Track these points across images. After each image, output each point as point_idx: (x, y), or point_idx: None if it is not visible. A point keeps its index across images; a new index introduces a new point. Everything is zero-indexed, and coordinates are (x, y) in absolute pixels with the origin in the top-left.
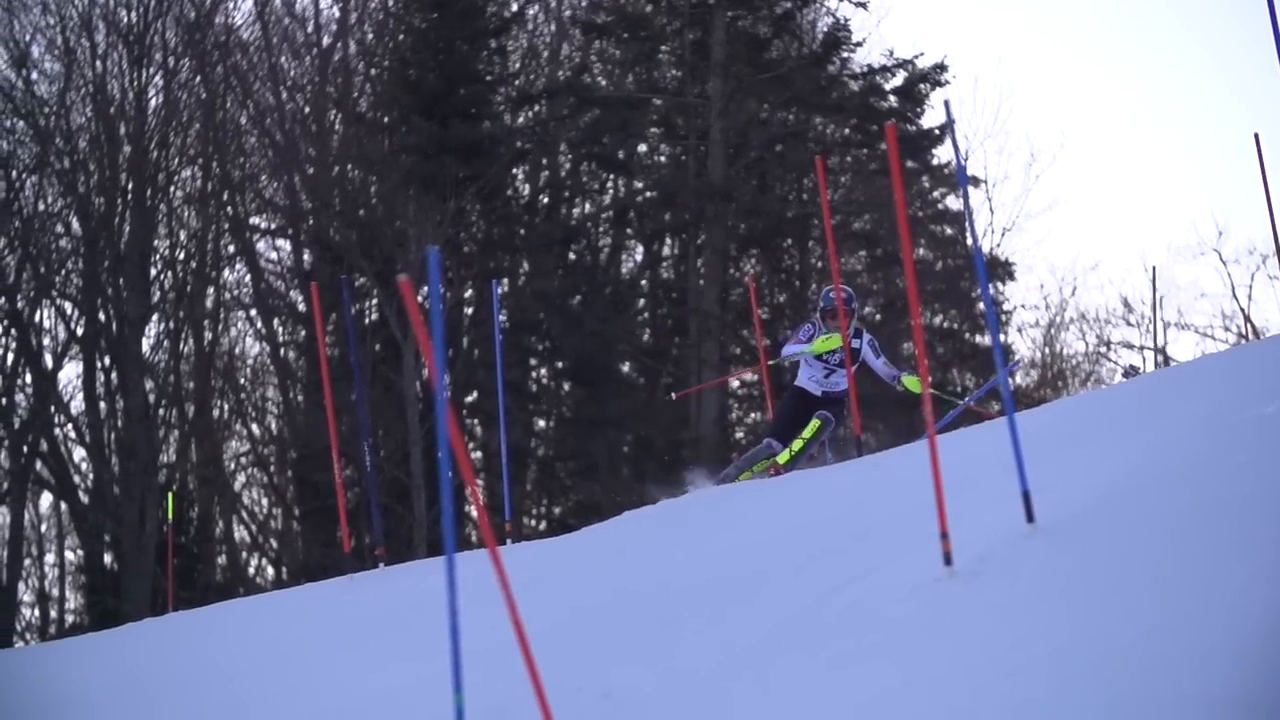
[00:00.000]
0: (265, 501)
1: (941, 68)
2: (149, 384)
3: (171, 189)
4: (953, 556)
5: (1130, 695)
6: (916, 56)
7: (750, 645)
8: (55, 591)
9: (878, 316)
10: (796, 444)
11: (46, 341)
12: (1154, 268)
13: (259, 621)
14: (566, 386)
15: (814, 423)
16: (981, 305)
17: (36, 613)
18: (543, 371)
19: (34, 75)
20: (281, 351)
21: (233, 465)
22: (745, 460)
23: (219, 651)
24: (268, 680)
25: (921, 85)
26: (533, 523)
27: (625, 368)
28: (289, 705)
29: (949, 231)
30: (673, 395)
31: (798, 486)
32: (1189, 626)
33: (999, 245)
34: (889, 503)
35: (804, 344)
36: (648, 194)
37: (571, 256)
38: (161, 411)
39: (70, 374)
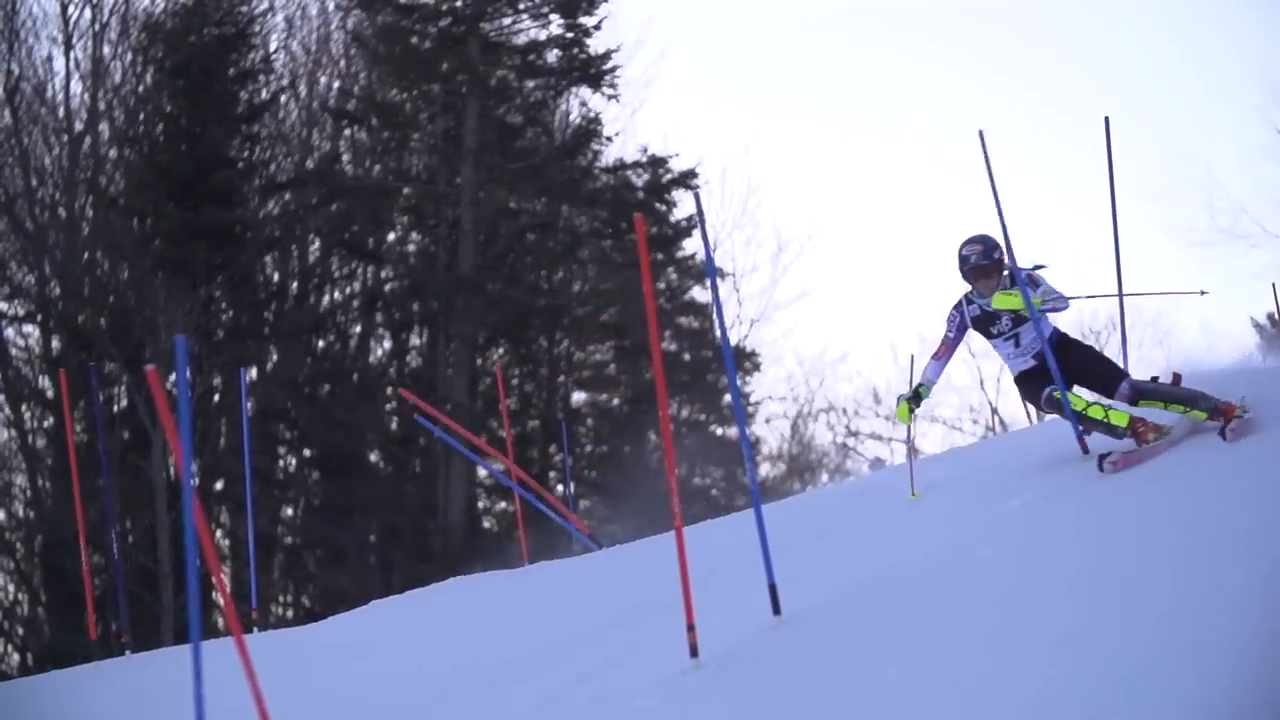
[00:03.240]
0: (11, 588)
1: (692, 174)
2: None
3: None
4: (699, 648)
5: None
6: (670, 157)
7: None
8: None
9: (625, 408)
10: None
11: None
12: (912, 356)
13: (4, 708)
14: (315, 474)
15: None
16: (729, 397)
17: None
18: (291, 459)
19: None
20: (29, 438)
21: None
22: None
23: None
24: None
25: (671, 185)
26: (280, 610)
27: (373, 456)
28: None
29: (695, 324)
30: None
31: (545, 577)
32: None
33: (746, 337)
34: (637, 594)
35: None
36: (398, 282)
37: (320, 344)
38: None
39: None
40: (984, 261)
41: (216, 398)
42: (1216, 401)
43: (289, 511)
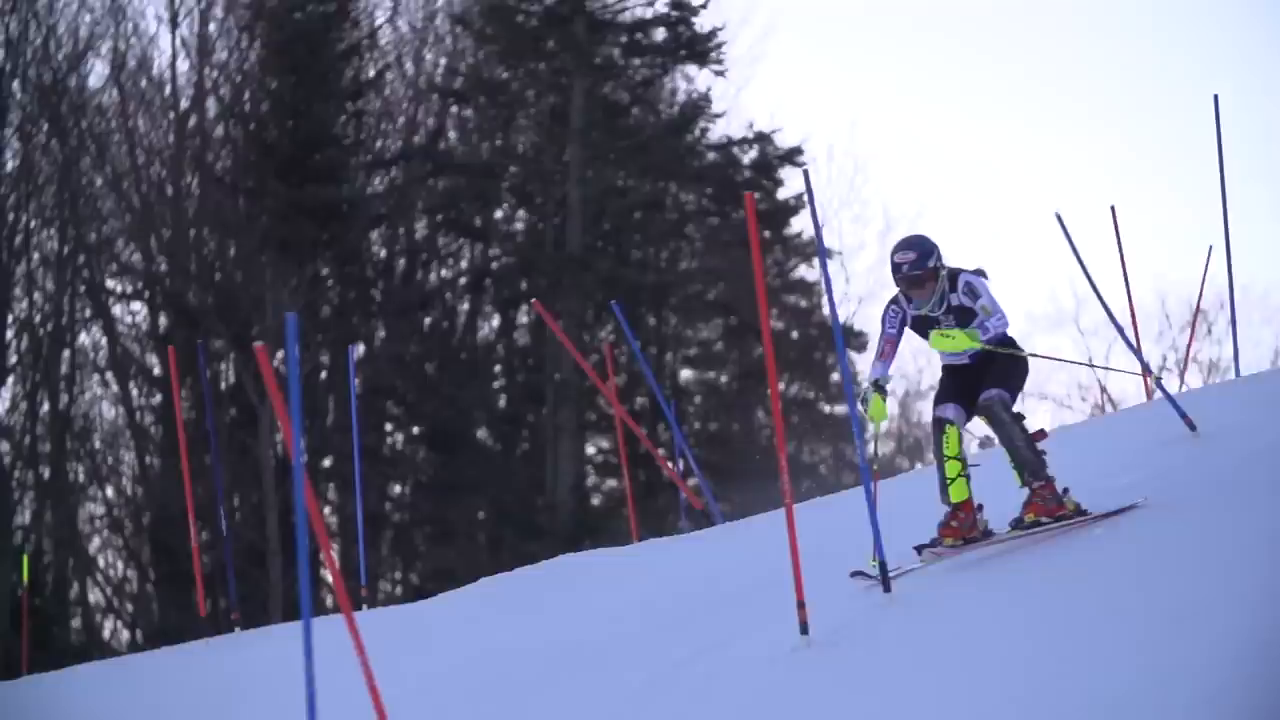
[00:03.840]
0: (121, 565)
1: (798, 150)
2: (4, 445)
3: (28, 251)
4: (809, 625)
5: None
6: (774, 132)
7: (607, 714)
8: None
9: (734, 385)
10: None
11: None
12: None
13: (115, 685)
14: (423, 452)
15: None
16: (837, 375)
17: None
18: (399, 436)
19: None
20: (137, 415)
21: (88, 528)
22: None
23: (73, 714)
24: None
25: (777, 162)
26: (389, 588)
27: (481, 433)
28: None
29: (803, 303)
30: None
31: (655, 554)
32: (1052, 694)
33: (854, 314)
34: (747, 571)
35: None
36: (504, 260)
37: (428, 322)
38: (16, 473)
39: None
40: (916, 271)
41: (324, 375)
42: (1046, 482)
43: (397, 489)
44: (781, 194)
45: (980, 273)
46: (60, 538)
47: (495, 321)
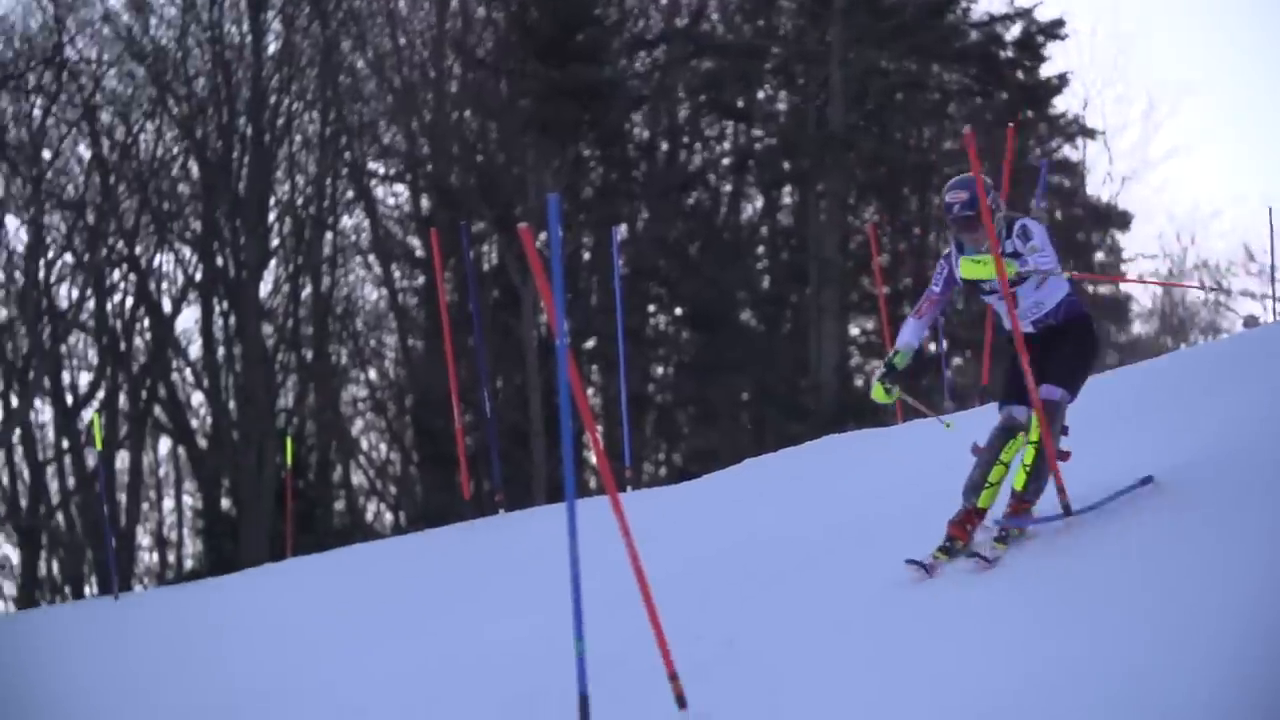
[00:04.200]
0: (384, 447)
1: (1059, 24)
2: (267, 329)
3: (290, 134)
4: (1071, 505)
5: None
6: (1035, 6)
7: (869, 594)
8: (173, 536)
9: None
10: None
11: (165, 287)
12: (1270, 209)
13: (378, 567)
14: (686, 333)
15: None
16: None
17: (155, 557)
18: (662, 318)
19: (152, 20)
20: (399, 297)
21: (351, 411)
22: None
23: (338, 596)
24: (388, 624)
25: (1040, 38)
26: (652, 469)
27: (744, 314)
28: (409, 649)
29: (1066, 183)
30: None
31: (919, 434)
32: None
33: (1117, 195)
34: None
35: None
36: (766, 141)
37: (690, 203)
38: (279, 356)
39: (188, 319)
40: (968, 212)
41: (587, 256)
42: (1024, 502)
43: (660, 370)
44: (1044, 71)
45: (1039, 220)
46: (323, 421)
47: (759, 202)
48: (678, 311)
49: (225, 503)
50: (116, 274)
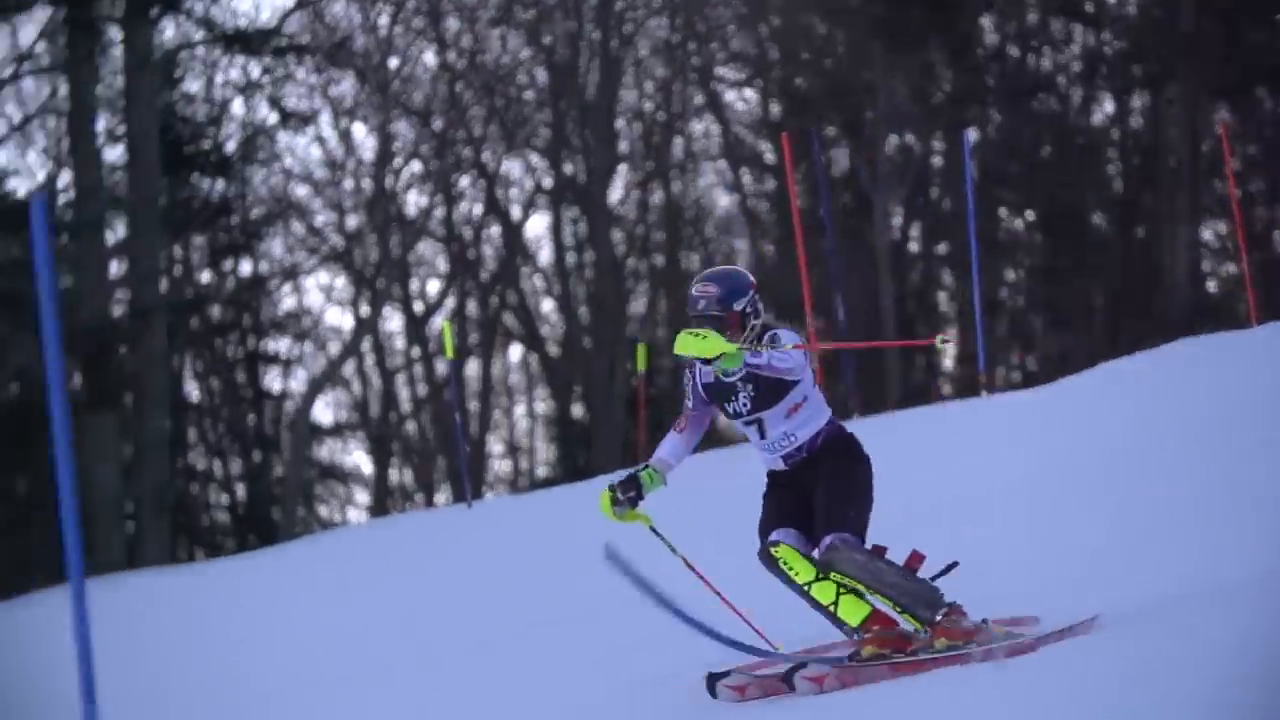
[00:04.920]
0: None
1: None
2: (617, 235)
3: (637, 40)
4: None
5: None
6: None
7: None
8: (525, 444)
9: None
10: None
11: (513, 193)
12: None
13: (739, 471)
14: (1037, 237)
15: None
16: None
17: (507, 464)
18: (1013, 222)
19: None
20: (749, 202)
21: None
22: None
23: (695, 501)
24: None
25: None
26: (1005, 374)
27: (1096, 218)
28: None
29: None
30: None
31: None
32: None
33: None
34: None
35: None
36: (1116, 44)
37: (1040, 107)
38: (630, 262)
39: (537, 226)
40: (715, 311)
41: (938, 161)
42: (951, 608)
43: (1011, 275)
44: None
45: (797, 332)
46: (676, 326)
47: (1109, 106)
48: (1029, 216)
49: (577, 410)
50: (465, 181)
